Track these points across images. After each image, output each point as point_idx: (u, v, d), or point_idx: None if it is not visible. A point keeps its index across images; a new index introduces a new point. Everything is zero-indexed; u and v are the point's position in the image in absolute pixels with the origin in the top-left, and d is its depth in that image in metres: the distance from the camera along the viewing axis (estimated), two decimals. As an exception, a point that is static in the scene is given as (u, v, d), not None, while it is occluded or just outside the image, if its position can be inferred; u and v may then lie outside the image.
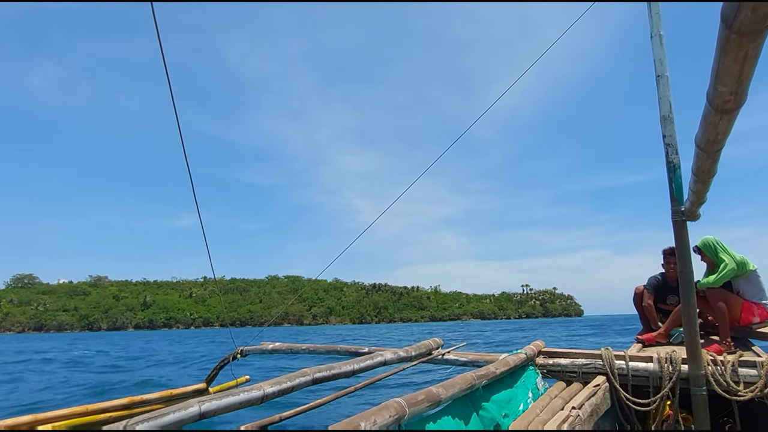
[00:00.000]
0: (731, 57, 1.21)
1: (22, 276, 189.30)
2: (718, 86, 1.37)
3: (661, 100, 3.46)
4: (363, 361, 3.31)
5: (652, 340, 4.75)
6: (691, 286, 3.43)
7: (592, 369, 3.88)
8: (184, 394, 3.78)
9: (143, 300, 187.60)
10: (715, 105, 1.49)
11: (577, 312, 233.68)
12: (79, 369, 16.06)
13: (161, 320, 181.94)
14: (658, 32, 3.47)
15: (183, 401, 2.24)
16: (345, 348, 4.58)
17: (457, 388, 2.69)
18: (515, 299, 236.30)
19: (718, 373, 3.39)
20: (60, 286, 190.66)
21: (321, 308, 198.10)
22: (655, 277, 5.28)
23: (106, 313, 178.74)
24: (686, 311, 3.42)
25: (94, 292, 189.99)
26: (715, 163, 2.17)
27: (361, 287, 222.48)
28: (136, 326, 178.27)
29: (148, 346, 33.03)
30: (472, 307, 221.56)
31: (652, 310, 5.11)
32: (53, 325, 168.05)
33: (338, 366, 3.07)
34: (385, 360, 3.51)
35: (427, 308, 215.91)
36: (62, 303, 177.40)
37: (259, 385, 2.48)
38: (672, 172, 3.43)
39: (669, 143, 3.43)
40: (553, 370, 4.02)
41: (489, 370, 3.15)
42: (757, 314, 4.45)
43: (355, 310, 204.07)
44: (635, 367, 3.75)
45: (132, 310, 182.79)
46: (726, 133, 1.71)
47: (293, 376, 2.72)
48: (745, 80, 1.30)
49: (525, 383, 3.60)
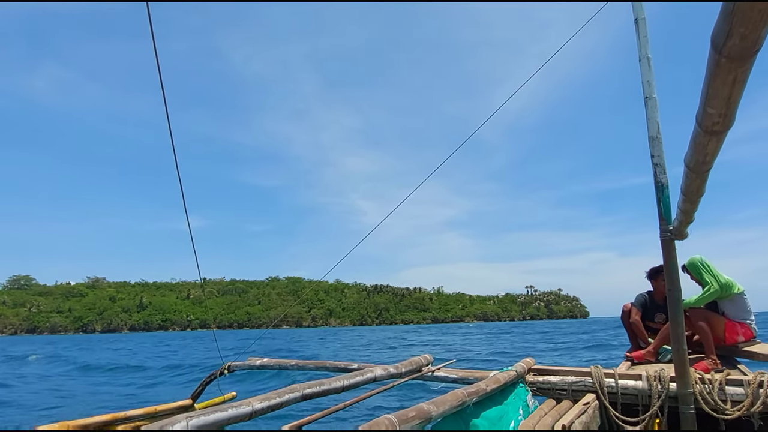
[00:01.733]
0: (721, 80, 1.25)
1: (19, 277, 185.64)
2: (707, 108, 1.41)
3: (650, 121, 3.53)
4: (353, 377, 3.27)
5: (641, 358, 4.77)
6: (679, 305, 3.47)
7: (582, 387, 3.88)
8: (168, 411, 3.70)
9: (139, 301, 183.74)
10: (705, 127, 1.53)
11: (582, 314, 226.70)
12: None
13: (157, 322, 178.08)
14: (646, 55, 3.56)
15: (168, 417, 2.19)
16: (334, 364, 4.53)
17: (448, 405, 2.67)
18: (519, 301, 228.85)
19: (705, 391, 3.41)
20: (57, 288, 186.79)
21: (321, 310, 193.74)
22: (642, 294, 5.33)
23: (100, 314, 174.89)
24: (675, 330, 3.45)
25: (91, 293, 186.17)
26: (704, 183, 2.21)
27: (363, 288, 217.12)
28: (131, 328, 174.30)
29: (121, 348, 31.92)
30: (475, 309, 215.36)
31: (640, 325, 5.15)
32: (46, 327, 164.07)
33: (328, 382, 3.03)
34: (375, 376, 3.48)
35: (430, 310, 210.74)
36: (57, 305, 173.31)
37: (248, 401, 2.43)
38: (660, 192, 3.49)
39: (657, 163, 3.50)
40: (543, 387, 4.01)
41: (480, 387, 3.13)
42: (741, 333, 4.51)
43: (356, 312, 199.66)
44: (624, 385, 3.76)
45: (127, 312, 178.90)
46: (714, 154, 1.75)
47: (282, 392, 2.67)
48: (733, 103, 1.34)
49: (515, 400, 3.59)
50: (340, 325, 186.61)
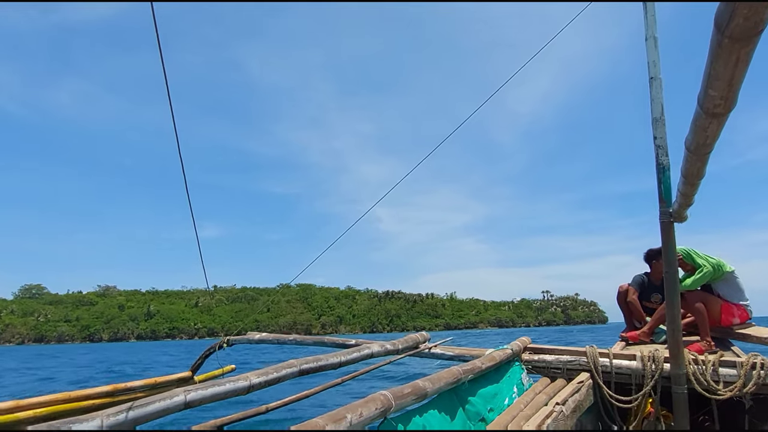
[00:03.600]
0: (723, 62, 1.22)
1: (31, 287, 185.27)
2: (709, 90, 1.39)
3: (654, 102, 3.49)
4: (350, 353, 3.31)
5: (636, 338, 4.82)
6: (676, 287, 3.48)
7: (577, 366, 3.93)
8: (168, 383, 3.76)
9: (146, 310, 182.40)
10: (706, 109, 1.51)
11: (601, 319, 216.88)
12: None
13: (164, 330, 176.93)
14: (652, 35, 3.49)
15: (168, 389, 2.23)
16: (332, 340, 4.59)
17: (443, 382, 2.71)
18: (535, 306, 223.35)
19: (699, 372, 3.45)
20: (67, 297, 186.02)
21: (331, 317, 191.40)
22: (640, 275, 5.36)
23: (107, 323, 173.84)
24: (670, 311, 3.48)
25: (101, 302, 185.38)
26: (704, 166, 2.20)
27: (374, 295, 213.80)
28: (138, 337, 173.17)
29: (93, 358, 29.42)
30: (489, 315, 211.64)
31: (637, 305, 5.19)
32: (53, 336, 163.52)
33: (325, 358, 3.07)
34: (371, 352, 3.53)
35: (442, 316, 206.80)
36: (65, 314, 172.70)
37: (246, 376, 2.48)
38: (661, 174, 3.47)
39: (660, 145, 3.47)
40: (538, 366, 4.06)
41: (475, 364, 3.18)
42: (737, 315, 4.54)
43: (366, 319, 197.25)
44: (619, 364, 3.81)
45: (135, 321, 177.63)
46: (715, 136, 1.73)
47: (280, 367, 2.72)
48: (735, 85, 1.32)
49: (510, 378, 3.64)
50: (350, 332, 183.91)
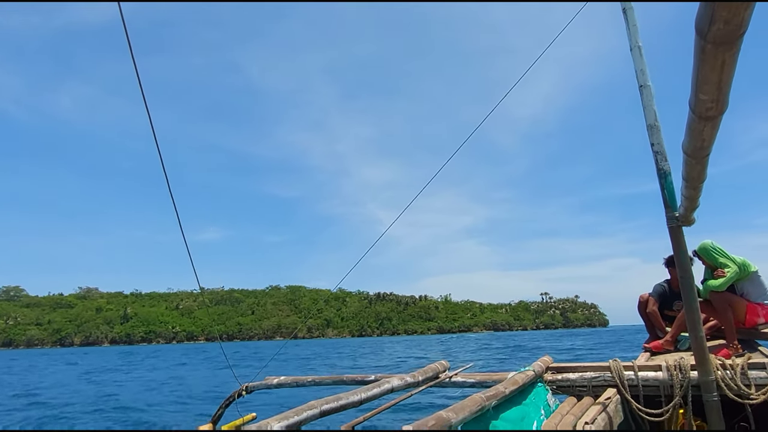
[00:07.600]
0: (709, 66, 1.24)
1: (8, 288, 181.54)
2: (699, 94, 1.41)
3: (646, 110, 3.53)
4: (370, 389, 3.25)
5: (660, 347, 4.71)
6: (692, 291, 3.42)
7: (602, 382, 3.83)
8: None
9: (123, 312, 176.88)
10: (698, 113, 1.52)
11: (601, 322, 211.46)
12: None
13: (140, 334, 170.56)
14: (636, 44, 3.56)
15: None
16: (351, 377, 4.52)
17: (467, 411, 2.65)
18: (533, 308, 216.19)
19: (728, 377, 3.36)
20: (46, 299, 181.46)
21: (318, 320, 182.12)
22: (660, 284, 5.29)
23: (80, 327, 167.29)
24: (690, 317, 3.41)
25: (80, 304, 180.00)
26: (704, 169, 2.20)
27: (364, 297, 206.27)
28: (112, 341, 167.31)
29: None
30: (485, 318, 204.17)
31: (657, 315, 5.10)
32: (22, 340, 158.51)
33: (345, 396, 3.01)
34: (392, 387, 3.46)
35: (435, 319, 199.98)
36: (37, 316, 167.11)
37: (267, 422, 2.43)
38: (663, 179, 3.47)
39: (657, 151, 3.48)
40: (562, 385, 3.96)
41: (498, 390, 3.10)
42: (761, 315, 4.44)
43: (355, 322, 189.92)
44: (645, 376, 3.71)
45: (109, 324, 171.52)
46: (711, 139, 1.74)
47: (300, 410, 2.66)
48: (724, 87, 1.34)
49: (535, 400, 3.55)
50: (338, 336, 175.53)
